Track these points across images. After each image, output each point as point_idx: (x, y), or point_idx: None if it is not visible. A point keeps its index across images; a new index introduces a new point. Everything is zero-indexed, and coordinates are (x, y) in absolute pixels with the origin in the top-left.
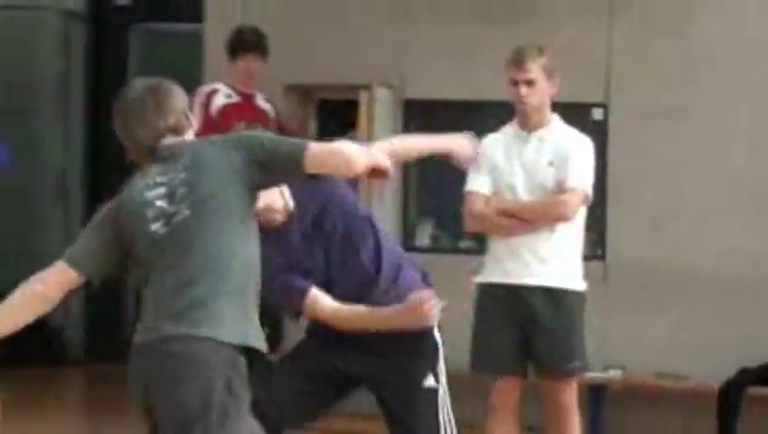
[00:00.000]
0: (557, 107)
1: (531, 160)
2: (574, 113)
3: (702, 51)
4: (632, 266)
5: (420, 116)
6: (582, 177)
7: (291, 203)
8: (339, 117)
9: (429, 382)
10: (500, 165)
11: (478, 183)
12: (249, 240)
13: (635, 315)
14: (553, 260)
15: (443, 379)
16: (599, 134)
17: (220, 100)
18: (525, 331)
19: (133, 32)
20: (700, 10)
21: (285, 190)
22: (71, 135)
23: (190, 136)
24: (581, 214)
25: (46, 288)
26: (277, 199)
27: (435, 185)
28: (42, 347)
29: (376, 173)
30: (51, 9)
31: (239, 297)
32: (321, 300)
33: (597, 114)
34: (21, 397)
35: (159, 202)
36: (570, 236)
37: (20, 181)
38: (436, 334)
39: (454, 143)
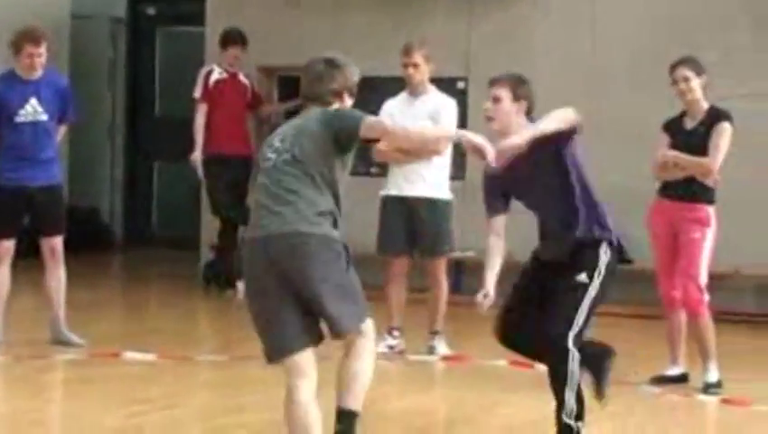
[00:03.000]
0: (434, 80)
1: (416, 115)
2: (445, 84)
3: (529, 44)
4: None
5: None
6: (450, 125)
7: None
8: (292, 87)
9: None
10: (396, 119)
11: None
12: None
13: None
14: (430, 179)
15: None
16: (462, 98)
17: (214, 77)
18: (412, 226)
19: (159, 33)
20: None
21: None
22: (117, 99)
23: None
24: (449, 150)
25: None
26: None
27: None
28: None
29: None
30: (104, 17)
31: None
32: None
33: (461, 84)
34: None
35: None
36: (442, 164)
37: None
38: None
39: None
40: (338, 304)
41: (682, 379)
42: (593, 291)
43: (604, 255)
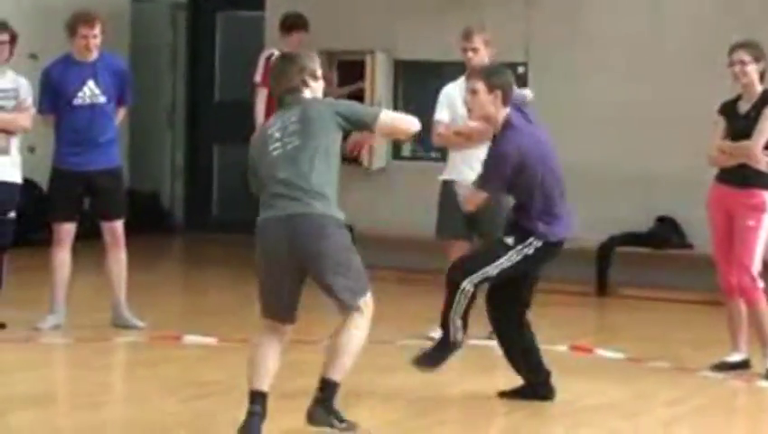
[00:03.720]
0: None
1: None
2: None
3: (588, 27)
4: None
5: (405, 72)
6: None
7: None
8: (351, 71)
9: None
10: (456, 103)
11: (441, 114)
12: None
13: None
14: None
15: (520, 248)
16: (521, 83)
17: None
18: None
19: (219, 17)
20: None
21: None
22: (178, 83)
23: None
24: None
25: None
26: None
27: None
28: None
29: None
30: (164, 1)
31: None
32: None
33: (520, 70)
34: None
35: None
36: None
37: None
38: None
39: None
40: (341, 280)
41: (744, 365)
42: (513, 256)
43: (532, 236)
